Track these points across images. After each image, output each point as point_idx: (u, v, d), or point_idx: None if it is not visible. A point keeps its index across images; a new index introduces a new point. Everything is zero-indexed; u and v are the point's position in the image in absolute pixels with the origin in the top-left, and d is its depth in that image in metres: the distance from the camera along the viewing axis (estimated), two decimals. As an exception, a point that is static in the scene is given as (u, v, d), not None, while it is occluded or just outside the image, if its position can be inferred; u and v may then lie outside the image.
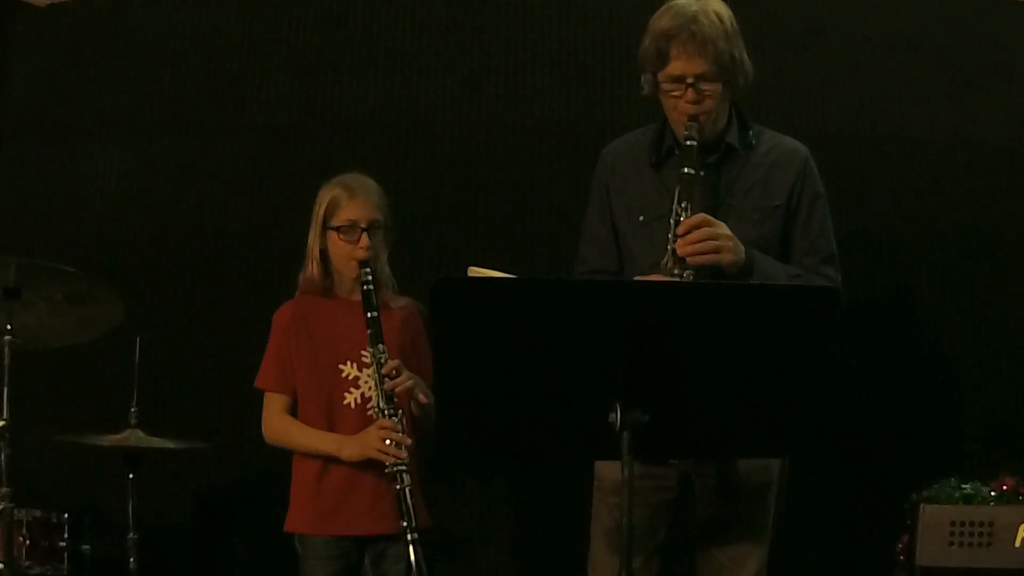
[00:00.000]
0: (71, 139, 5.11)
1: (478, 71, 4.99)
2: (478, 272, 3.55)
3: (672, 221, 3.54)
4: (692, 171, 3.57)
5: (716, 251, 3.50)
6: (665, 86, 3.66)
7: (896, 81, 4.84)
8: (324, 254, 4.05)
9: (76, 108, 5.14)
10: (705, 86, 3.62)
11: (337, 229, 4.00)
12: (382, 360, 3.90)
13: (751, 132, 3.78)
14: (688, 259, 3.48)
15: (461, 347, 2.86)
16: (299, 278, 4.08)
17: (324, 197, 4.05)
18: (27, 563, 4.25)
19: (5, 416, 3.97)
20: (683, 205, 3.54)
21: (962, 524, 3.86)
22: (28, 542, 4.25)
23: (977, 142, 4.81)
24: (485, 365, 2.88)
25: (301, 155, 4.97)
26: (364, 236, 3.98)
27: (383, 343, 3.92)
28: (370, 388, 3.99)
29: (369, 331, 3.92)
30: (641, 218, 3.73)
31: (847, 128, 4.83)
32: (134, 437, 4.31)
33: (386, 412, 3.90)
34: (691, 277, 3.47)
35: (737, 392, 2.95)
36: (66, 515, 4.37)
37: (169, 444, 4.34)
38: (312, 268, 4.04)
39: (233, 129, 5.05)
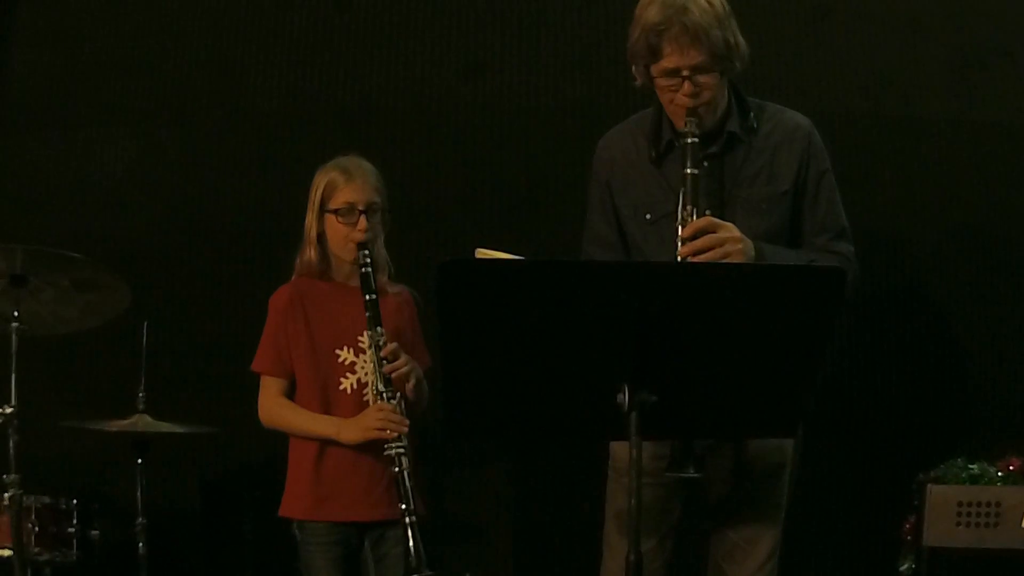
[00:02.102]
0: (75, 126, 5.11)
1: (481, 55, 4.99)
2: (486, 254, 3.55)
3: (679, 226, 3.47)
4: (695, 171, 3.47)
5: (725, 256, 3.42)
6: (660, 80, 3.53)
7: (900, 61, 4.84)
8: (321, 237, 4.03)
9: (80, 95, 5.13)
10: (701, 78, 3.49)
11: (335, 212, 3.98)
12: (380, 343, 3.89)
13: (751, 114, 3.68)
14: None
15: (468, 329, 2.85)
16: (295, 261, 4.07)
17: (321, 180, 4.03)
18: (36, 549, 4.27)
19: (13, 403, 3.98)
20: (688, 209, 3.46)
21: (969, 504, 3.87)
22: (37, 528, 4.27)
23: (980, 122, 4.81)
24: (493, 346, 2.87)
25: (305, 141, 4.96)
26: (362, 219, 3.96)
27: (381, 326, 3.91)
28: (366, 373, 3.98)
29: (368, 313, 3.91)
30: (648, 216, 3.65)
31: (851, 109, 4.82)
32: (142, 422, 4.32)
33: (384, 395, 3.89)
34: None
35: (744, 372, 2.95)
36: (75, 501, 4.38)
37: (177, 429, 4.36)
38: (309, 251, 4.02)
39: (238, 115, 5.04)
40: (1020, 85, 4.81)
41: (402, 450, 3.83)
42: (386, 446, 3.84)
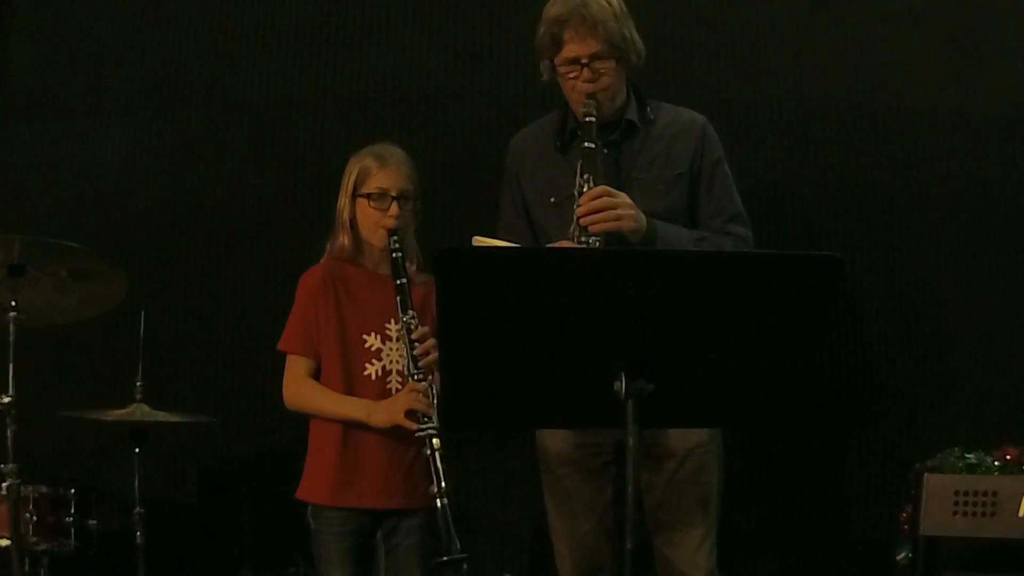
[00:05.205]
0: (73, 116, 5.11)
1: (480, 44, 4.99)
2: (483, 242, 3.58)
3: (576, 193, 3.68)
4: (592, 145, 3.72)
5: (617, 219, 3.64)
6: (562, 69, 3.83)
7: (898, 53, 4.83)
8: (353, 222, 4.03)
9: (77, 85, 5.14)
10: (599, 65, 3.78)
11: (368, 196, 4.00)
12: (412, 326, 3.90)
13: (649, 108, 3.94)
14: (590, 227, 3.62)
15: (466, 316, 2.87)
16: (327, 245, 4.07)
17: (355, 165, 4.04)
18: (34, 539, 4.29)
19: (11, 392, 3.99)
20: (585, 177, 3.70)
21: (966, 494, 3.87)
22: (35, 518, 4.29)
23: (978, 115, 4.80)
24: (490, 334, 2.89)
25: (303, 130, 4.97)
26: (394, 205, 3.98)
27: (412, 309, 3.92)
28: (392, 361, 3.99)
29: (398, 298, 3.92)
30: (552, 199, 3.87)
31: (849, 100, 4.82)
32: (139, 412, 4.33)
33: (415, 376, 3.88)
34: (596, 244, 3.60)
35: (740, 361, 2.96)
36: (72, 491, 4.40)
37: (174, 418, 4.36)
38: (342, 236, 4.04)
39: (235, 104, 5.04)
40: (1017, 77, 4.80)
41: (433, 431, 3.81)
42: (418, 427, 3.82)
